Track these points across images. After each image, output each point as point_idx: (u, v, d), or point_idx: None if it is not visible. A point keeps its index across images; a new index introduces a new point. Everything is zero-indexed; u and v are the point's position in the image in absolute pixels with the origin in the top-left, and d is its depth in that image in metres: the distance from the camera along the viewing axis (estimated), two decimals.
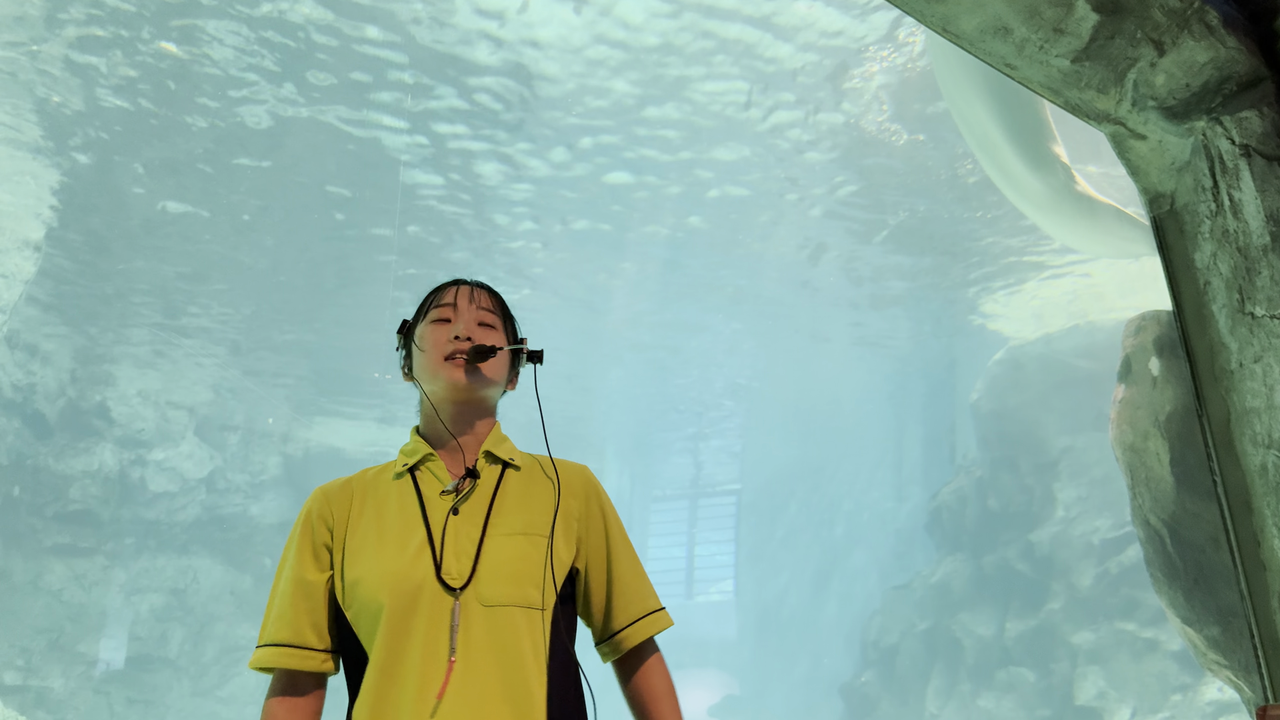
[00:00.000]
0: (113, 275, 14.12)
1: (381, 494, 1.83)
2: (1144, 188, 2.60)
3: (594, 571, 1.90)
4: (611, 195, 13.12)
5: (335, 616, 1.80)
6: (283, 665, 1.76)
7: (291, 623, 1.76)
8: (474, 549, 1.76)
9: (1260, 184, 2.31)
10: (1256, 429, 2.27)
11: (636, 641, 1.89)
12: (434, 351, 1.87)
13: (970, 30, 2.37)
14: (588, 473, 1.98)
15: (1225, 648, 4.22)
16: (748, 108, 11.44)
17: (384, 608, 1.70)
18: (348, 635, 1.77)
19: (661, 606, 1.95)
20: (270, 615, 1.80)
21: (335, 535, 1.80)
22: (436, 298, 1.96)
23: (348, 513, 1.82)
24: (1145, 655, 12.93)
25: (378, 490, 1.84)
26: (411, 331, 1.96)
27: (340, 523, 1.81)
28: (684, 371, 20.31)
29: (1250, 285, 2.30)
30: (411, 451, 1.88)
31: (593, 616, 1.91)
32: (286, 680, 1.78)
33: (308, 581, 1.78)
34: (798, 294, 16.34)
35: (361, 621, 1.73)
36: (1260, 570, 2.26)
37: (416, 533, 1.76)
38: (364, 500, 1.83)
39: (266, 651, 1.77)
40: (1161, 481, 4.57)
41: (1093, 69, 2.43)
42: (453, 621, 1.69)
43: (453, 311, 1.92)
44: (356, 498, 1.83)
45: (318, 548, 1.80)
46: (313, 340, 16.63)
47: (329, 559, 1.80)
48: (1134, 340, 4.95)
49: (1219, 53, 2.35)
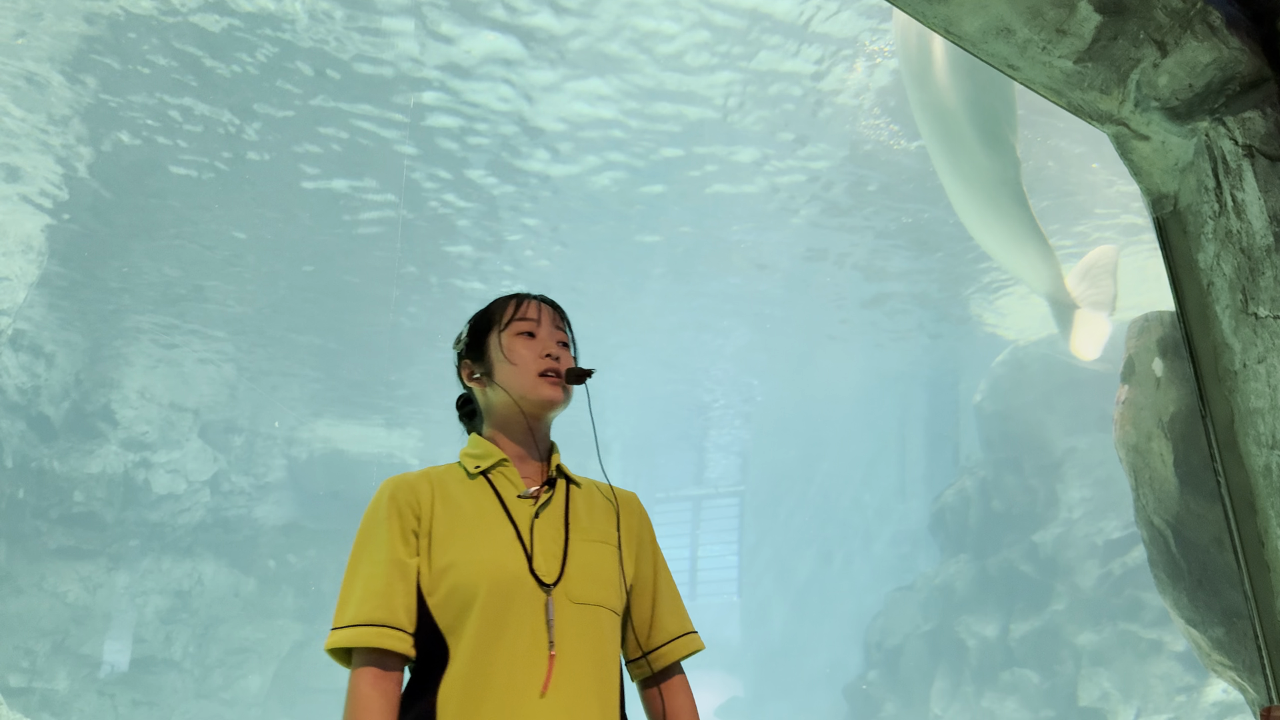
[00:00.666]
0: (117, 277, 14.15)
1: (456, 492, 1.86)
2: (1147, 188, 2.60)
3: (641, 589, 1.98)
4: (612, 195, 13.13)
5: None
6: (378, 645, 1.70)
7: (386, 602, 1.73)
8: (560, 550, 1.82)
9: (1263, 184, 2.31)
10: (1260, 430, 2.27)
11: (670, 660, 1.97)
12: (529, 366, 1.92)
13: (972, 31, 2.38)
14: (638, 499, 2.08)
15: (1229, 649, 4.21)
16: (744, 105, 11.44)
17: (479, 594, 1.72)
18: (424, 625, 1.76)
19: (695, 630, 2.03)
20: (354, 596, 1.74)
21: (422, 522, 1.80)
22: (519, 309, 1.99)
23: (431, 501, 1.83)
24: (1149, 656, 12.91)
25: (450, 487, 1.87)
26: (481, 338, 1.99)
27: (426, 510, 1.81)
28: (687, 372, 20.31)
29: (1254, 286, 2.30)
30: (483, 455, 1.92)
31: (633, 633, 1.98)
32: (376, 659, 1.71)
33: (403, 563, 1.77)
34: (801, 295, 16.34)
35: (449, 608, 1.73)
36: (1264, 571, 2.26)
37: (504, 529, 1.81)
38: (443, 493, 1.85)
39: (359, 631, 1.71)
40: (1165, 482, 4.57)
41: (1095, 70, 2.44)
42: (548, 616, 1.74)
43: (537, 327, 1.97)
44: (436, 489, 1.85)
45: (406, 533, 1.79)
46: (317, 343, 16.65)
47: (415, 545, 1.79)
48: (1137, 341, 4.95)
49: (1222, 53, 2.35)
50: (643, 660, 1.96)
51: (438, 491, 1.85)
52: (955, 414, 20.30)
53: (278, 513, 18.82)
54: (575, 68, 10.60)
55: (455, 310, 15.51)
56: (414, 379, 18.24)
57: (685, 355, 19.23)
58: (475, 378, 1.98)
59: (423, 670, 1.74)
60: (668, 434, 24.64)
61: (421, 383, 18.34)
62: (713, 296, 16.45)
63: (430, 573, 1.76)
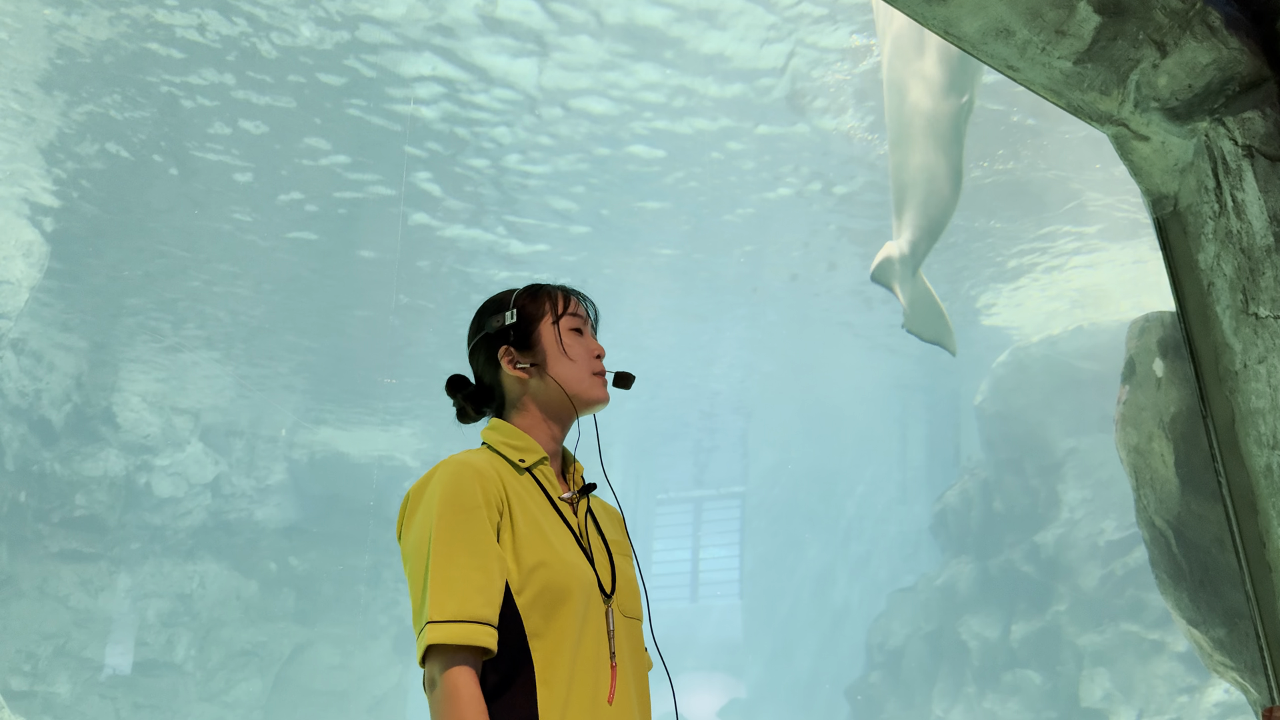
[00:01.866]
0: (118, 281, 14.15)
1: (518, 486, 1.77)
2: (1147, 189, 2.60)
3: None
4: (613, 196, 13.13)
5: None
6: (484, 644, 1.58)
7: (490, 600, 1.60)
8: (607, 560, 1.79)
9: (1263, 185, 2.31)
10: (1261, 430, 2.27)
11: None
12: (585, 363, 1.87)
13: (972, 33, 2.38)
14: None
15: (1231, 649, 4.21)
16: (743, 103, 11.45)
17: (571, 597, 1.66)
18: (508, 622, 1.65)
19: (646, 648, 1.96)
20: (456, 588, 1.59)
21: (504, 515, 1.70)
22: (568, 304, 1.92)
23: (506, 494, 1.72)
24: (1151, 657, 12.90)
25: (511, 481, 1.76)
26: (527, 325, 1.88)
27: (506, 502, 1.71)
28: (688, 373, 20.30)
29: (1254, 286, 2.30)
30: (525, 449, 1.82)
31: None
32: (472, 658, 1.58)
33: (502, 557, 1.66)
34: (802, 295, 16.34)
35: (537, 608, 1.65)
36: (1266, 571, 2.26)
37: (566, 533, 1.75)
38: (512, 486, 1.75)
39: (468, 629, 1.57)
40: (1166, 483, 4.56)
41: (1095, 70, 2.44)
42: (609, 626, 1.71)
43: (585, 325, 1.93)
44: (505, 481, 1.74)
45: (494, 526, 1.68)
46: (318, 345, 16.65)
47: (498, 538, 1.68)
48: (1138, 342, 4.94)
49: (1221, 54, 2.35)
50: None
51: (507, 483, 1.75)
52: (956, 415, 20.29)
53: (279, 515, 18.81)
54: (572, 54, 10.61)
55: (455, 309, 15.51)
56: (413, 380, 18.24)
57: (687, 356, 19.23)
58: (520, 367, 1.86)
59: (504, 673, 1.63)
60: (669, 435, 24.63)
61: (421, 384, 18.34)
62: (714, 296, 16.45)
63: (519, 570, 1.66)
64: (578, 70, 10.64)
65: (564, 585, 1.66)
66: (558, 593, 1.65)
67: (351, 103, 10.88)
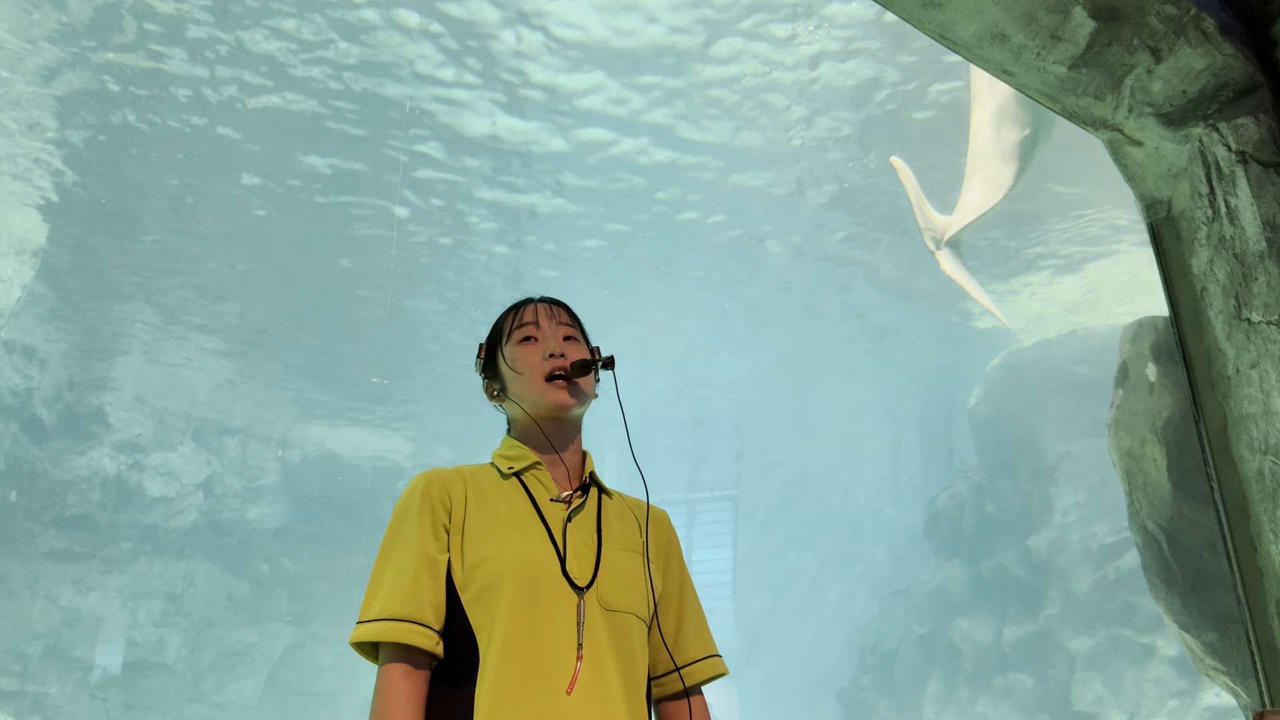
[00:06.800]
0: (110, 279, 14.11)
1: (490, 490, 1.84)
2: (1140, 194, 2.61)
3: (666, 606, 1.95)
4: (613, 197, 13.13)
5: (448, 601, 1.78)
6: (403, 640, 1.66)
7: (414, 598, 1.70)
8: (593, 554, 1.81)
9: (1257, 190, 2.32)
10: (1253, 434, 2.28)
11: (694, 681, 1.92)
12: (533, 373, 1.90)
13: (968, 37, 2.38)
14: (668, 517, 2.06)
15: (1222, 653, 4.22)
16: (743, 104, 11.46)
17: (509, 587, 1.70)
18: (456, 622, 1.73)
19: (720, 654, 1.99)
20: (382, 591, 1.71)
21: (454, 517, 1.78)
22: (516, 318, 1.98)
23: (464, 497, 1.81)
24: (1143, 661, 12.93)
25: (484, 485, 1.85)
26: (493, 355, 1.98)
27: (459, 506, 1.79)
28: (681, 376, 20.30)
29: (1247, 291, 2.30)
30: (517, 457, 1.90)
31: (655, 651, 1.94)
32: (405, 655, 1.68)
33: (433, 558, 1.74)
34: (796, 299, 16.35)
35: (481, 603, 1.71)
36: (1257, 575, 2.27)
37: (537, 529, 1.79)
38: (476, 490, 1.83)
39: (386, 625, 1.67)
40: (1159, 487, 4.57)
41: (1090, 75, 2.44)
42: (579, 618, 1.72)
43: (536, 330, 1.95)
44: (469, 486, 1.83)
45: (437, 528, 1.77)
46: (311, 345, 16.62)
47: (446, 541, 1.77)
48: (1131, 346, 4.95)
49: (1215, 59, 2.35)
50: (663, 679, 1.92)
51: (471, 487, 1.83)
52: (949, 418, 20.31)
53: (271, 516, 18.76)
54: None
55: (455, 309, 15.50)
56: (407, 382, 18.21)
57: (681, 359, 19.23)
58: (495, 394, 1.98)
59: (453, 670, 1.70)
60: (662, 438, 24.62)
61: (415, 386, 18.32)
62: (708, 299, 16.45)
63: (463, 568, 1.74)
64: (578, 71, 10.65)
65: (501, 578, 1.70)
66: (498, 585, 1.70)
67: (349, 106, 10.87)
